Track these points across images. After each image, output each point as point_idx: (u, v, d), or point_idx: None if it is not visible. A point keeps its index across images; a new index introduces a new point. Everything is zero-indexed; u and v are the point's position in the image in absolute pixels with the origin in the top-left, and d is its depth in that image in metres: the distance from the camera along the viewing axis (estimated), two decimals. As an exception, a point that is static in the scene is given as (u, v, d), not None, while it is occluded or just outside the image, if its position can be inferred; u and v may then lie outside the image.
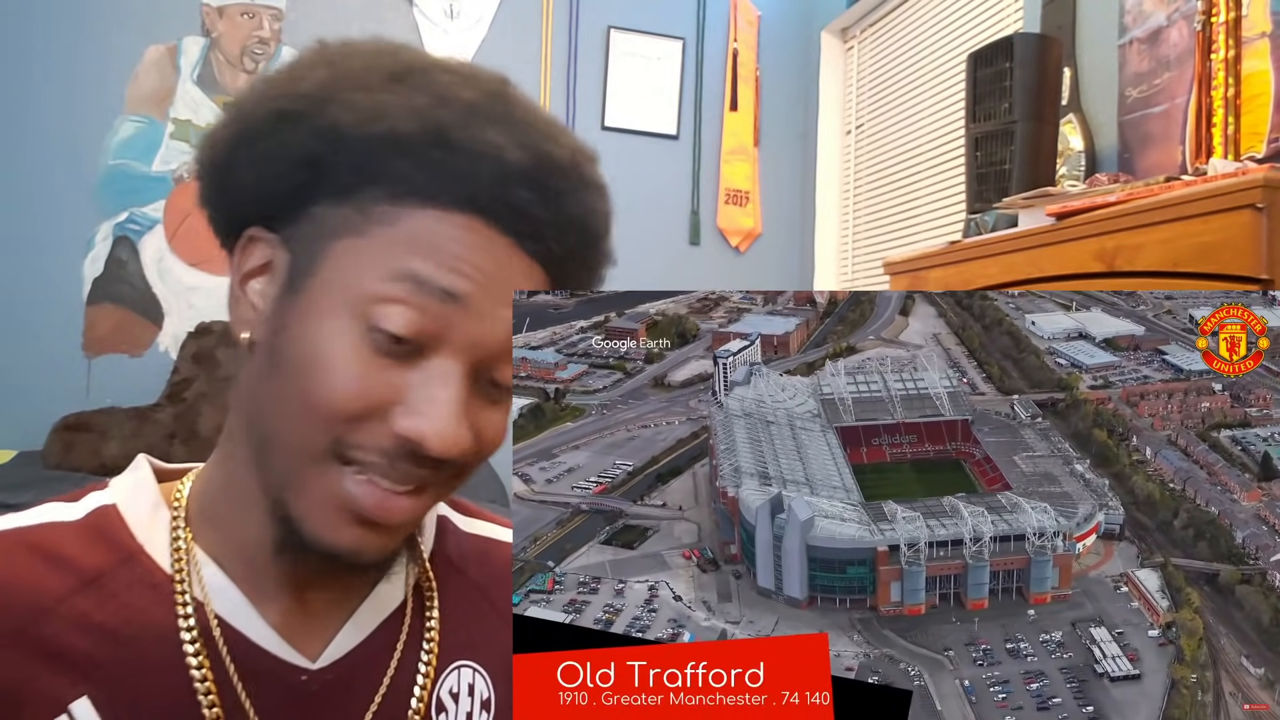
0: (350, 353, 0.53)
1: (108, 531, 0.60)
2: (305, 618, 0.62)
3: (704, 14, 3.59)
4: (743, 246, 3.65)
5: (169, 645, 0.57)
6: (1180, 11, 1.84)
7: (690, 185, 3.59)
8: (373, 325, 0.53)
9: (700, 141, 3.59)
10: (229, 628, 0.59)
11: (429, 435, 0.53)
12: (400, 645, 0.64)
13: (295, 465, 0.55)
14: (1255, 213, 1.08)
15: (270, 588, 0.61)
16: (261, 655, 0.59)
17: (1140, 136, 1.94)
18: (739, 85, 3.62)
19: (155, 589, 0.58)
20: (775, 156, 3.68)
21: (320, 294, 0.55)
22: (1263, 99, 1.60)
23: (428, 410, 0.54)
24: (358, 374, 0.53)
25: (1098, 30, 2.10)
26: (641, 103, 3.53)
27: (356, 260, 0.54)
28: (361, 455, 0.54)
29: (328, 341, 0.54)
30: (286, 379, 0.55)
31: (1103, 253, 1.34)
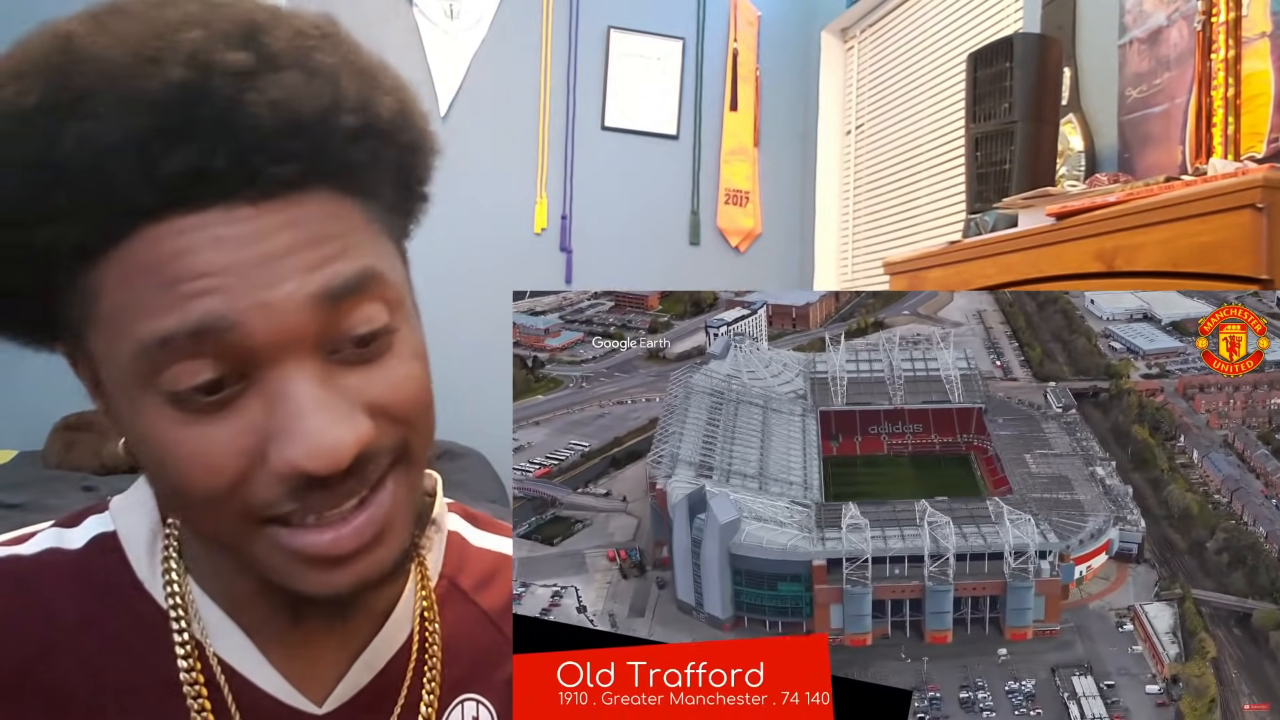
0: (174, 435, 0.46)
1: (108, 565, 0.57)
2: (310, 660, 0.58)
3: (704, 14, 3.59)
4: (743, 247, 3.65)
5: (171, 689, 0.54)
6: (1180, 11, 1.84)
7: (690, 185, 3.58)
8: (170, 394, 0.45)
9: (700, 142, 3.59)
10: (231, 670, 0.56)
11: (301, 459, 0.45)
12: (407, 682, 0.61)
13: (237, 547, 0.49)
14: (1255, 213, 1.08)
15: (272, 626, 0.57)
16: (265, 699, 0.56)
17: (1140, 136, 1.94)
18: (739, 85, 3.62)
19: (154, 628, 0.55)
20: (775, 157, 3.68)
21: (115, 397, 0.48)
22: (1263, 99, 1.60)
23: (285, 434, 0.46)
24: (197, 450, 0.46)
25: (1098, 30, 2.10)
26: (641, 103, 3.53)
27: (106, 347, 0.46)
28: (274, 510, 0.47)
29: (149, 436, 0.47)
30: (160, 484, 0.51)
31: (1102, 253, 1.33)
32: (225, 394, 0.45)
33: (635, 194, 3.51)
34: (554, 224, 3.43)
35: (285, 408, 0.46)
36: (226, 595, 0.57)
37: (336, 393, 0.47)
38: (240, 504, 0.47)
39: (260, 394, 0.46)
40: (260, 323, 0.45)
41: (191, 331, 0.44)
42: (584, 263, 3.43)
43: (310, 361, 0.46)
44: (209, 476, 0.46)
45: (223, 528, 0.48)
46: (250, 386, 0.46)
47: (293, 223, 0.46)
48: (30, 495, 2.24)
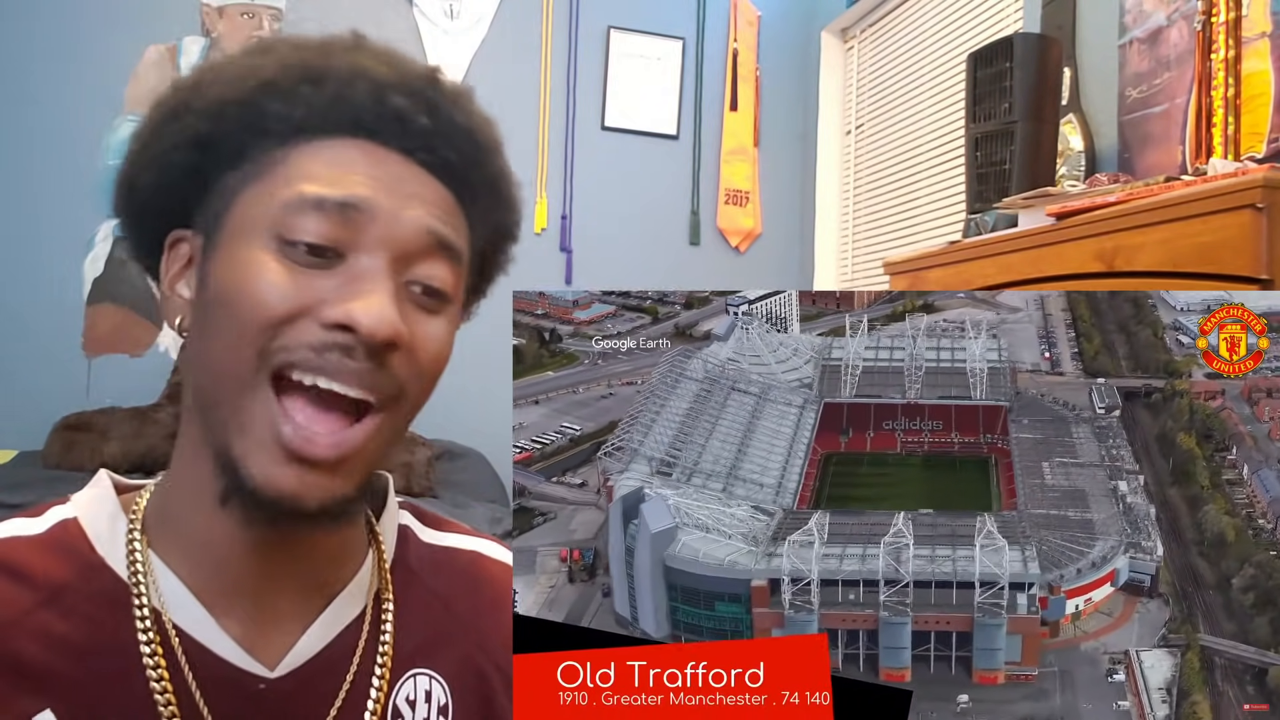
0: (269, 267, 0.56)
1: (68, 545, 0.61)
2: (265, 626, 0.62)
3: (704, 14, 3.58)
4: (743, 247, 3.64)
5: (129, 657, 0.58)
6: (1180, 11, 1.84)
7: (690, 185, 3.58)
8: (284, 240, 0.56)
9: (700, 142, 3.59)
10: (187, 637, 0.59)
11: (356, 311, 0.55)
12: (358, 654, 0.64)
13: (232, 396, 0.56)
14: (1255, 213, 1.08)
15: (230, 597, 0.61)
16: (219, 664, 0.59)
17: (1140, 136, 1.94)
18: (739, 85, 3.62)
19: (115, 601, 0.59)
20: (775, 157, 3.68)
21: (232, 237, 0.58)
22: (1263, 99, 1.60)
23: (354, 294, 0.56)
24: (277, 281, 0.56)
25: (1098, 30, 2.10)
26: (641, 103, 3.52)
27: (258, 199, 0.58)
28: (289, 356, 0.55)
29: (246, 267, 0.56)
30: (217, 317, 0.58)
31: (1102, 253, 1.33)
32: (325, 260, 0.57)
33: (635, 194, 3.51)
34: (554, 224, 3.43)
35: (363, 283, 0.56)
36: (190, 565, 0.61)
37: (398, 304, 0.58)
38: (268, 342, 0.55)
39: (348, 271, 0.57)
40: (390, 224, 0.58)
41: (343, 202, 0.57)
42: (584, 263, 3.43)
43: (396, 273, 0.58)
44: (270, 306, 0.55)
45: (241, 366, 0.55)
46: (343, 265, 0.57)
47: (436, 192, 0.62)
48: (30, 495, 2.23)
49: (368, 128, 0.60)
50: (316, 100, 0.59)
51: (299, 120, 0.59)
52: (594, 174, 3.46)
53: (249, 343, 0.55)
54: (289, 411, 0.56)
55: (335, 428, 0.57)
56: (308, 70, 0.60)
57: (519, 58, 3.41)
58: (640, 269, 3.47)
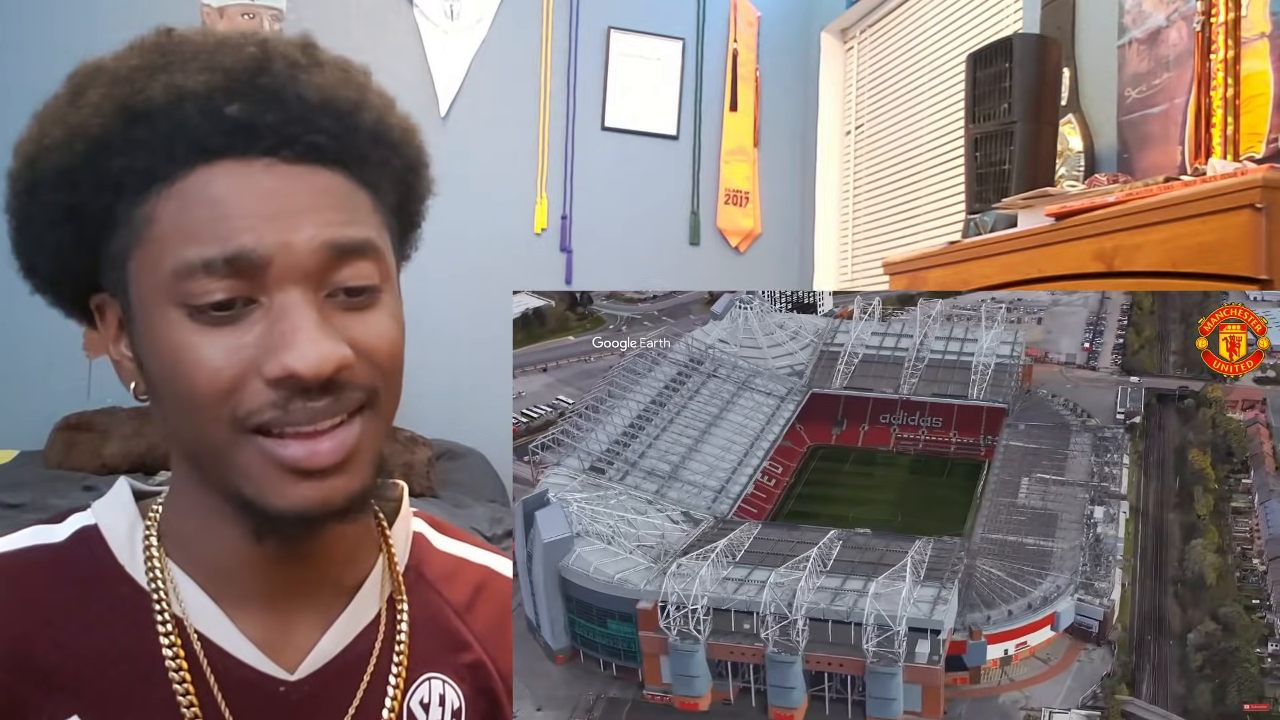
0: (190, 341, 0.55)
1: (89, 554, 0.62)
2: (283, 631, 0.63)
3: (704, 14, 3.59)
4: (742, 247, 3.65)
5: (152, 661, 0.59)
6: (1179, 12, 1.84)
7: (690, 186, 3.58)
8: (191, 306, 0.55)
9: (700, 142, 3.59)
10: (208, 642, 0.60)
11: (293, 362, 0.54)
12: (374, 657, 0.65)
13: (223, 454, 0.56)
14: (1254, 213, 1.08)
15: (248, 602, 0.62)
16: (241, 667, 0.61)
17: (1139, 137, 1.94)
18: (739, 85, 3.62)
19: (136, 608, 0.60)
20: (775, 157, 3.68)
21: (142, 309, 0.57)
22: (1262, 99, 1.60)
23: (283, 343, 0.54)
24: (207, 354, 0.55)
25: (1097, 31, 2.10)
26: (641, 103, 3.53)
27: (148, 269, 0.56)
28: (259, 418, 0.55)
29: (169, 346, 0.55)
30: (166, 395, 0.57)
31: (1102, 253, 1.34)
32: (234, 311, 0.55)
33: (635, 194, 3.51)
34: (554, 224, 3.43)
35: (286, 324, 0.55)
36: (207, 573, 0.62)
37: (328, 324, 0.56)
38: (232, 410, 0.55)
39: (266, 315, 0.55)
40: (286, 257, 0.55)
41: (228, 258, 0.54)
42: (584, 263, 3.43)
43: (312, 295, 0.56)
44: (212, 379, 0.54)
45: (216, 435, 0.56)
46: (258, 309, 0.55)
47: (317, 188, 0.57)
48: (31, 495, 2.23)
49: (218, 149, 0.55)
50: (153, 140, 0.55)
51: (146, 168, 0.55)
52: (594, 174, 3.46)
53: (212, 416, 0.55)
54: (283, 445, 0.56)
55: (324, 437, 0.57)
56: (128, 111, 0.55)
57: (519, 58, 3.41)
58: (640, 269, 3.47)
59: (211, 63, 0.56)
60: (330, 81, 0.59)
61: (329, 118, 0.58)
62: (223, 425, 0.55)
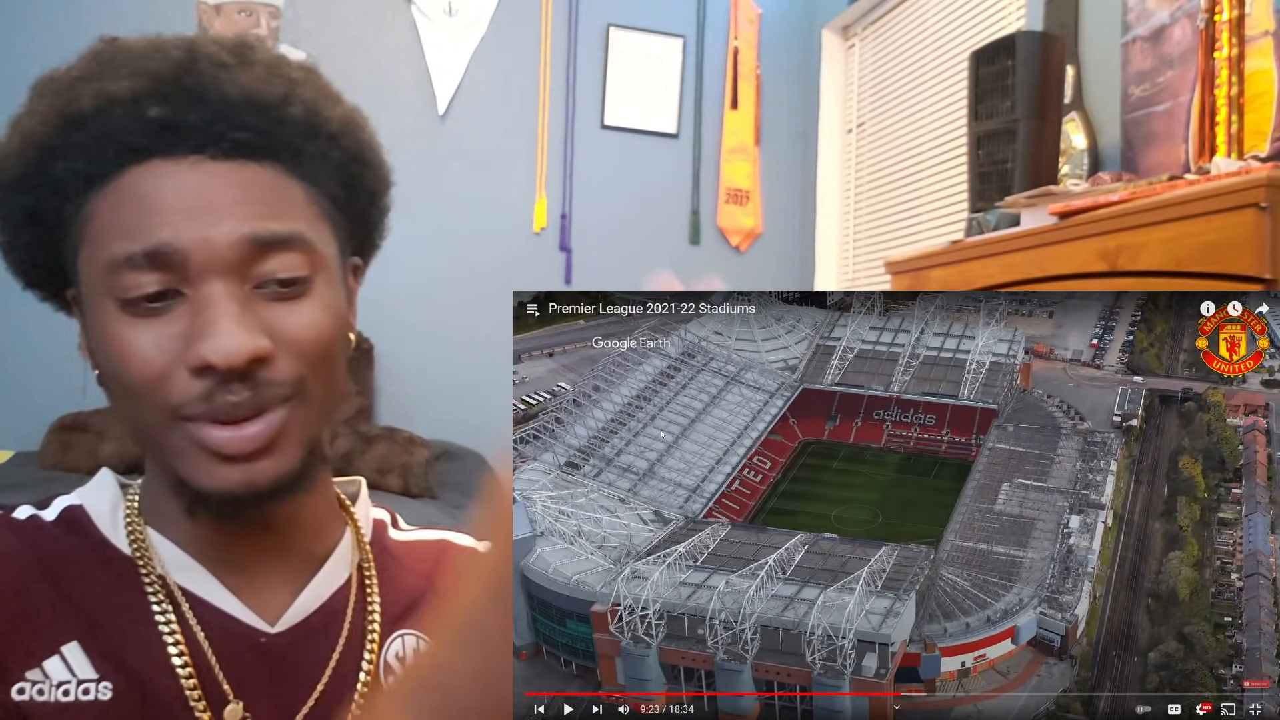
0: (124, 334, 0.58)
1: (76, 525, 0.66)
2: (261, 592, 0.67)
3: (704, 12, 3.57)
4: (743, 246, 3.63)
5: (141, 612, 0.63)
6: (1183, 9, 1.83)
7: (690, 184, 3.57)
8: (123, 300, 0.58)
9: (700, 140, 3.58)
10: (193, 596, 0.64)
11: (208, 353, 0.57)
12: (349, 614, 0.69)
13: (159, 436, 0.60)
14: (1259, 212, 1.07)
15: (221, 565, 0.66)
16: (223, 617, 0.64)
17: (1143, 135, 1.92)
18: (739, 83, 3.60)
19: (124, 569, 0.64)
20: (776, 155, 3.67)
21: (88, 302, 0.61)
22: (1266, 97, 1.59)
23: (199, 334, 0.57)
24: (138, 346, 0.58)
25: (1101, 28, 2.09)
26: (641, 101, 3.51)
27: (88, 264, 0.60)
28: (186, 410, 0.58)
29: (107, 338, 0.59)
30: (111, 383, 0.61)
31: (1105, 252, 1.32)
32: (164, 304, 0.58)
33: (635, 193, 3.50)
34: (553, 223, 3.42)
35: (205, 315, 0.58)
36: (181, 539, 0.66)
37: (251, 316, 0.59)
38: (163, 399, 0.58)
39: (190, 307, 0.58)
40: (205, 250, 0.58)
41: (148, 253, 0.57)
42: (583, 262, 3.42)
43: (234, 287, 0.59)
44: (143, 369, 0.58)
45: (151, 419, 0.59)
46: (184, 301, 0.59)
47: (242, 182, 0.60)
48: (27, 495, 2.22)
49: (146, 150, 0.59)
50: (87, 144, 0.59)
51: (84, 171, 0.59)
52: (594, 173, 3.45)
53: (146, 404, 0.59)
54: (208, 431, 0.59)
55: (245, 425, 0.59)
56: (64, 118, 0.59)
57: (518, 56, 3.40)
58: (640, 268, 3.45)
59: (139, 68, 0.60)
60: (255, 78, 0.61)
61: (252, 114, 0.60)
62: (156, 412, 0.59)
